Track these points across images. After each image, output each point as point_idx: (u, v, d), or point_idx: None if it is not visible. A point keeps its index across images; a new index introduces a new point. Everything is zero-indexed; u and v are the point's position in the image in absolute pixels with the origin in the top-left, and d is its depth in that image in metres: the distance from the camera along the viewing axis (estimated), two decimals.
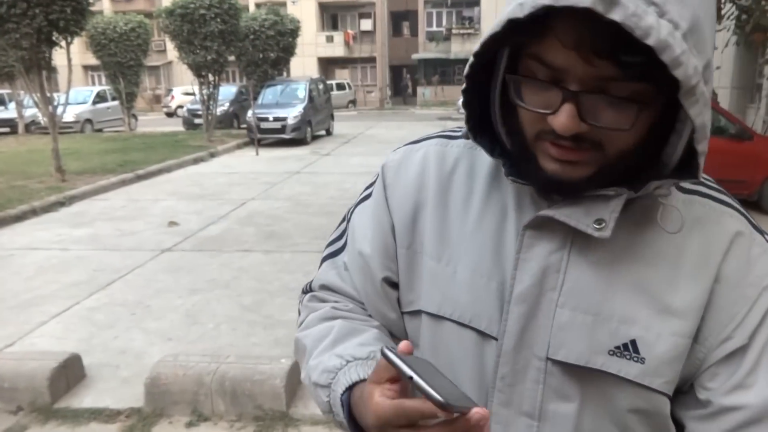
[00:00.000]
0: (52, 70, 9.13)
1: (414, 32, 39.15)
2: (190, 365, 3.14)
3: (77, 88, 20.31)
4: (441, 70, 35.83)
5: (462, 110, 0.72)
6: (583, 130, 0.61)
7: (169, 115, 29.97)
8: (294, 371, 3.16)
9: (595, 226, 0.66)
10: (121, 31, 16.91)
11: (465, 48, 34.95)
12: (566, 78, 0.60)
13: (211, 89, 15.21)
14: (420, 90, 35.50)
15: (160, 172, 10.98)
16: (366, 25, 36.69)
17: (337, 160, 12.44)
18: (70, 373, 3.30)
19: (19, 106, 18.24)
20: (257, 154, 13.64)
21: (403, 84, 34.87)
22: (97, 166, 10.89)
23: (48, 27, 8.32)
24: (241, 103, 19.93)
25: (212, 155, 13.36)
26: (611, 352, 0.67)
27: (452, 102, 31.95)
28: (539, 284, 0.69)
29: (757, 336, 0.67)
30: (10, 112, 19.69)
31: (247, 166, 11.89)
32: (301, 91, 16.15)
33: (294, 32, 17.69)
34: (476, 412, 0.54)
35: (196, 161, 12.45)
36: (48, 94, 9.14)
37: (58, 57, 9.87)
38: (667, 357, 0.67)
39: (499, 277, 0.72)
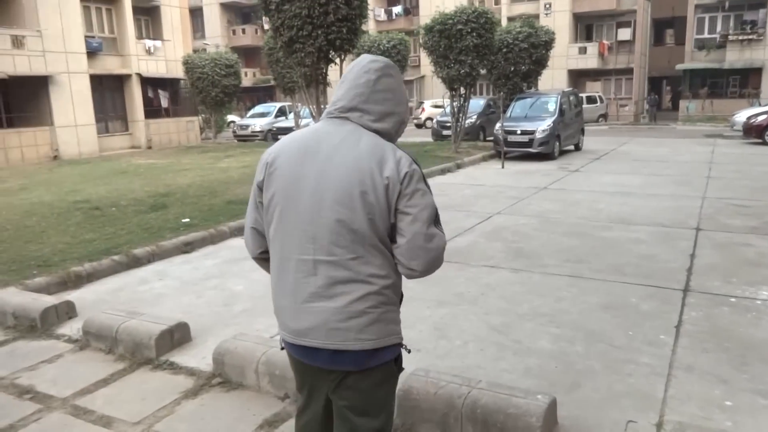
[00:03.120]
0: (327, 84, 10.13)
1: (679, 40, 35.42)
2: (441, 384, 3.06)
3: None
4: (711, 81, 31.76)
5: (735, 127, 0.50)
6: None
7: (419, 126, 31.62)
8: (551, 411, 2.88)
9: None
10: (384, 48, 18.25)
11: (743, 56, 30.53)
12: None
13: (461, 102, 15.52)
14: (683, 103, 31.92)
15: None
16: (624, 34, 34.25)
17: (587, 178, 11.68)
18: None
19: (297, 116, 20.87)
20: (503, 167, 13.51)
21: (651, 97, 31.53)
22: None
23: (327, 46, 9.26)
24: (488, 115, 20.07)
25: (458, 166, 13.60)
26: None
27: (722, 117, 28.10)
28: None
29: None
30: (289, 122, 22.68)
31: (493, 179, 11.81)
32: (552, 105, 15.60)
33: (548, 44, 17.22)
34: None
35: (443, 172, 12.79)
36: (322, 106, 10.18)
37: (331, 73, 10.95)
38: None
39: None
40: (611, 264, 5.80)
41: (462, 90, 15.32)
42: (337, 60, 10.00)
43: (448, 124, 19.39)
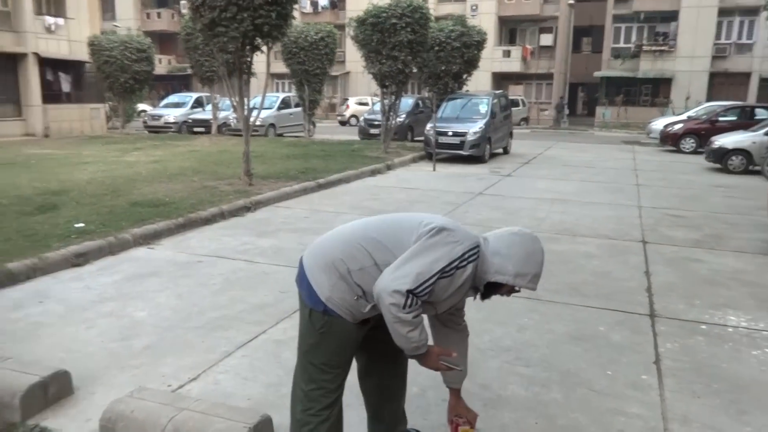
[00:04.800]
0: (251, 75, 9.16)
1: (596, 48, 36.69)
2: None
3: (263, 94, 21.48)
4: (625, 89, 33.01)
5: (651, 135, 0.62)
6: None
7: (343, 123, 30.85)
8: None
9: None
10: (312, 40, 17.33)
11: (656, 67, 31.92)
12: None
13: (392, 100, 14.90)
14: (599, 110, 32.97)
15: (339, 182, 10.72)
16: (546, 40, 35.04)
17: (521, 183, 11.36)
18: None
19: (215, 108, 19.52)
20: (434, 169, 13.00)
21: (560, 104, 32.26)
22: (281, 172, 10.91)
23: (253, 31, 8.30)
24: (416, 115, 19.60)
25: (389, 167, 12.96)
26: None
27: (635, 124, 29.22)
28: None
29: None
30: (206, 113, 21.23)
31: (425, 182, 11.26)
32: (483, 107, 15.29)
33: (479, 45, 16.92)
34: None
35: (373, 173, 12.11)
36: (246, 98, 9.20)
37: (257, 63, 9.97)
38: None
39: None
40: (568, 283, 5.30)
41: (393, 87, 14.68)
42: (264, 48, 9.04)
43: (376, 123, 18.78)
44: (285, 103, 21.45)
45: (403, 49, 13.79)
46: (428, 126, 14.64)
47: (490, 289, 2.23)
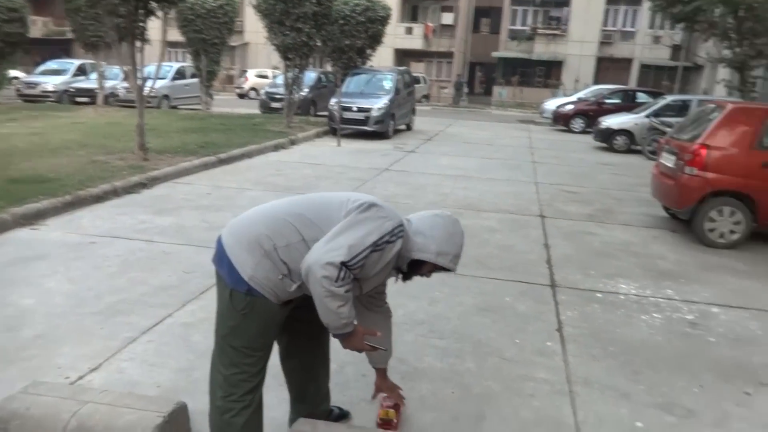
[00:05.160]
0: (145, 41, 8.56)
1: (494, 29, 37.81)
2: None
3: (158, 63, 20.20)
4: (521, 70, 34.38)
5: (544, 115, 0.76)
6: None
7: (241, 96, 29.82)
8: None
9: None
10: (210, 8, 16.47)
11: (549, 49, 33.46)
12: None
13: (296, 73, 14.56)
14: (496, 89, 34.16)
15: (241, 157, 10.36)
16: (447, 18, 35.60)
17: (425, 159, 11.54)
18: (175, 428, 2.53)
19: (101, 77, 18.13)
20: (339, 144, 12.90)
21: (458, 82, 33.01)
22: (178, 146, 10.36)
23: None
24: (319, 89, 19.29)
25: (292, 142, 12.69)
26: None
27: (530, 104, 30.56)
28: None
29: None
30: (90, 82, 19.68)
31: (330, 158, 11.14)
32: (388, 83, 15.31)
33: (384, 20, 16.85)
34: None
35: (276, 148, 11.81)
36: (139, 67, 8.60)
37: (152, 30, 9.32)
38: None
39: None
40: (474, 256, 5.46)
41: (297, 60, 14.33)
42: (160, 13, 8.45)
43: (278, 96, 18.29)
44: (180, 74, 20.33)
45: (307, 21, 13.46)
46: (332, 101, 14.46)
47: (412, 269, 2.24)
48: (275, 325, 2.22)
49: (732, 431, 2.90)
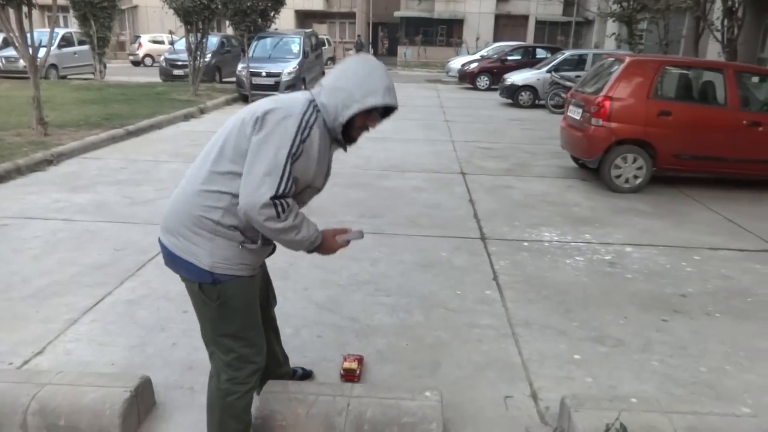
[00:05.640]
0: (33, 6, 7.87)
1: None
2: (309, 399, 2.40)
3: (39, 29, 18.46)
4: (423, 29, 34.66)
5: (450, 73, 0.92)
6: None
7: (136, 63, 28.15)
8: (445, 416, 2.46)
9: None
10: None
11: (449, 8, 33.86)
12: None
13: (198, 39, 13.92)
14: (401, 50, 34.30)
15: (151, 128, 9.88)
16: None
17: None
18: (142, 402, 2.52)
19: None
20: None
21: (358, 42, 32.97)
22: (80, 119, 9.72)
23: None
24: (223, 55, 18.57)
25: (202, 111, 12.23)
26: None
27: (434, 63, 30.98)
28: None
29: None
30: None
31: None
32: (295, 46, 15.02)
33: None
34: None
35: (186, 117, 11.35)
36: (27, 33, 7.91)
37: None
38: None
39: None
40: (406, 216, 5.63)
41: (200, 25, 13.69)
42: None
43: (180, 63, 17.49)
44: (67, 41, 18.80)
45: None
46: (240, 66, 14.02)
47: (350, 131, 2.01)
48: (255, 299, 2.13)
49: (656, 354, 3.26)
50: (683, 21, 17.16)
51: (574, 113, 7.42)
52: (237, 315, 2.04)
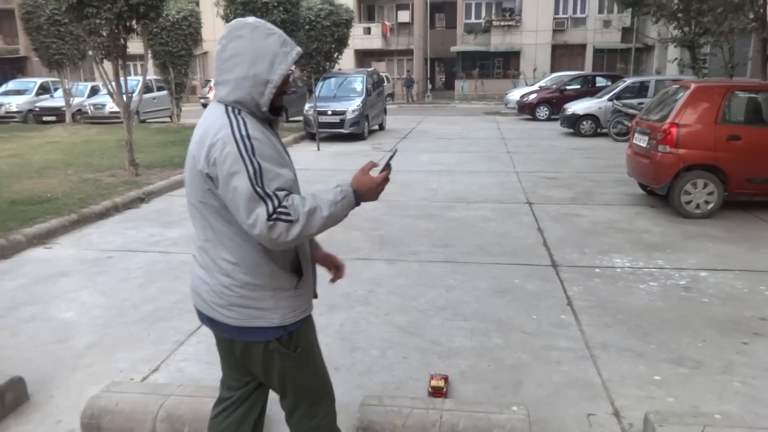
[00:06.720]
0: (127, 58, 8.65)
1: (450, 24, 38.42)
2: (404, 412, 2.61)
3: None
4: (480, 63, 35.05)
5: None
6: None
7: (206, 106, 29.64)
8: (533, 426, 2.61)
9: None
10: (174, 20, 16.47)
11: (505, 41, 34.17)
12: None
13: None
14: (458, 84, 34.75)
15: None
16: (404, 16, 35.99)
17: (405, 157, 11.83)
18: None
19: (67, 94, 17.93)
20: (318, 149, 13.13)
21: (408, 78, 33.44)
22: (164, 160, 10.46)
23: (128, 12, 7.83)
24: (289, 95, 19.40)
25: None
26: None
27: (492, 96, 31.21)
28: None
29: None
30: (56, 100, 19.41)
31: (313, 162, 11.37)
32: (359, 84, 15.60)
33: (348, 23, 17.15)
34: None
35: None
36: (122, 81, 8.69)
37: (132, 44, 9.39)
38: None
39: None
40: (476, 245, 5.81)
41: None
42: (139, 30, 8.55)
43: None
44: (147, 87, 20.18)
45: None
46: (307, 106, 14.70)
47: (276, 108, 1.86)
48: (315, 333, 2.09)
49: (738, 375, 3.29)
50: (749, 43, 16.79)
51: (640, 141, 7.45)
52: (311, 360, 2.02)
